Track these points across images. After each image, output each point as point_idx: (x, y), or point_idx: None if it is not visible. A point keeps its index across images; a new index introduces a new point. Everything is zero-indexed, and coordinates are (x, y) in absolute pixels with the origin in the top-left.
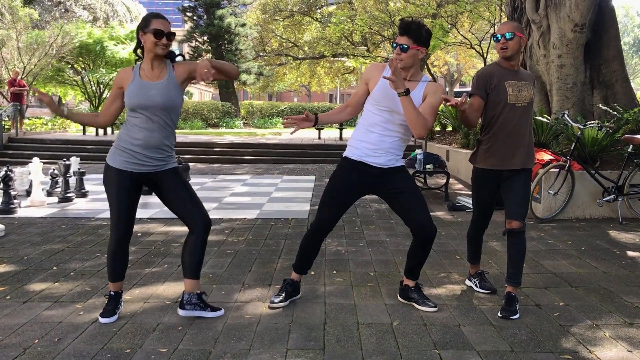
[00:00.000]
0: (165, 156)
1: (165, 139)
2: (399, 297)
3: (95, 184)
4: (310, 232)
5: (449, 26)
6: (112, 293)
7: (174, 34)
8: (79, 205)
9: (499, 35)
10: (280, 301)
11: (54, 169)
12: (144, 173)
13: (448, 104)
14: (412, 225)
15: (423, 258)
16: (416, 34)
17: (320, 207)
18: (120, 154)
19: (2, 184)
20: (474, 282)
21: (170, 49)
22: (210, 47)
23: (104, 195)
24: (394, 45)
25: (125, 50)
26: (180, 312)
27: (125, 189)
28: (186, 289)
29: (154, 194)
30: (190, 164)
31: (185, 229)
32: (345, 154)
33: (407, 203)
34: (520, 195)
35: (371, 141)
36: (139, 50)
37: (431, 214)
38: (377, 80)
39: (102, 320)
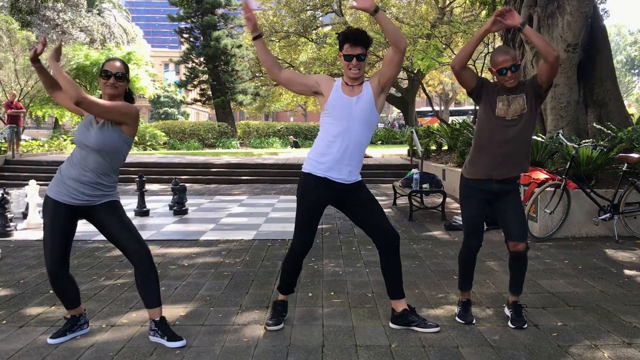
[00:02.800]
0: (100, 194)
1: (99, 179)
2: (391, 324)
3: None
4: (290, 255)
5: (444, 46)
6: (69, 316)
7: (124, 75)
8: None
9: (504, 70)
10: (275, 324)
11: None
12: (76, 206)
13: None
14: (376, 236)
15: (398, 271)
16: (367, 42)
17: (297, 230)
18: (57, 184)
19: None
20: (457, 310)
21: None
22: (206, 68)
23: None
24: (349, 57)
25: None
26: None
27: (58, 219)
28: (148, 315)
29: (150, 216)
30: (187, 185)
31: (182, 250)
32: (306, 169)
33: (369, 216)
34: (518, 216)
35: (334, 155)
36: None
37: (428, 233)
38: (329, 89)
39: (49, 341)
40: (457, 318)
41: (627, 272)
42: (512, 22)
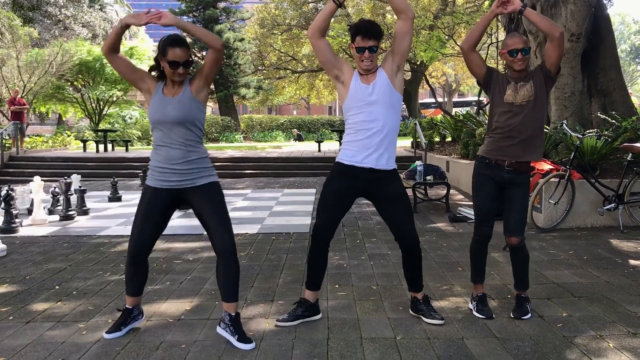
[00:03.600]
0: (194, 170)
1: (188, 154)
2: (410, 311)
3: (96, 201)
4: (310, 245)
5: (447, 37)
6: (124, 307)
7: (190, 62)
8: (80, 223)
9: (515, 52)
10: (285, 320)
11: (55, 187)
12: (175, 189)
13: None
14: (396, 236)
15: (415, 268)
16: (379, 34)
17: (317, 214)
18: (151, 173)
19: (3, 203)
20: (474, 305)
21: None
22: None
23: (105, 213)
24: (361, 49)
25: None
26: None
27: (155, 206)
28: (223, 307)
29: None
30: None
31: (187, 245)
32: (337, 158)
33: (396, 213)
34: (518, 210)
35: (359, 142)
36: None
37: (432, 225)
38: (350, 79)
39: (106, 336)
40: (476, 314)
41: (632, 262)
42: (513, 8)
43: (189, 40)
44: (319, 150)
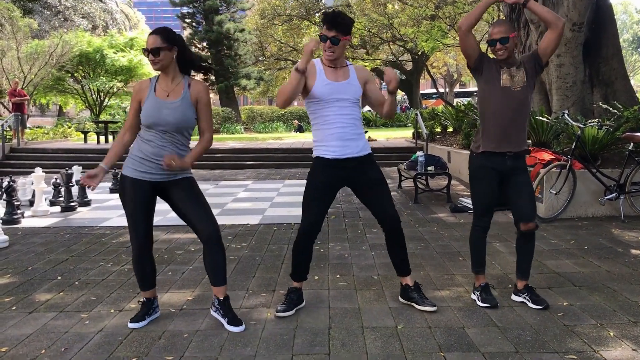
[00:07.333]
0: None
1: (177, 154)
2: (400, 299)
3: (97, 192)
4: (297, 237)
5: (448, 27)
6: (144, 299)
7: (157, 50)
8: (82, 215)
9: (494, 41)
10: (284, 310)
11: (56, 179)
12: (155, 182)
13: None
14: (379, 220)
15: (402, 250)
16: (343, 26)
17: (303, 211)
18: (132, 163)
19: (5, 195)
20: (477, 295)
21: (163, 62)
22: (209, 53)
23: (107, 204)
24: (324, 38)
25: (124, 58)
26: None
27: (140, 198)
28: (213, 291)
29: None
30: (192, 171)
31: (188, 235)
32: (316, 154)
33: (374, 199)
34: (529, 195)
35: (333, 134)
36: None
37: (434, 215)
38: (314, 78)
39: (130, 325)
40: (480, 303)
41: (633, 251)
42: (516, 0)
43: (187, 32)
44: None
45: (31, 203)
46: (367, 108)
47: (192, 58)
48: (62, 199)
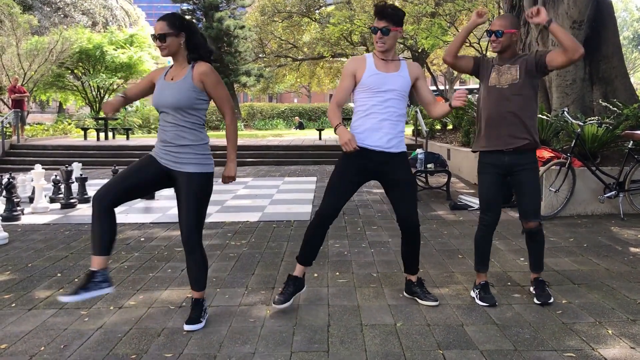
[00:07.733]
0: (182, 154)
1: (179, 139)
2: (404, 293)
3: (97, 189)
4: (316, 220)
5: (448, 25)
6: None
7: (163, 35)
8: (81, 211)
9: (490, 32)
10: (282, 301)
11: (56, 175)
12: (165, 167)
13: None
14: (398, 220)
15: (413, 252)
16: (394, 16)
17: (326, 194)
18: (156, 145)
19: (5, 192)
20: (476, 293)
21: (170, 49)
22: None
23: None
24: (374, 29)
25: (124, 55)
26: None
27: (143, 164)
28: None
29: (156, 199)
30: None
31: None
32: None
33: (399, 199)
34: (530, 194)
35: (370, 125)
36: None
37: (433, 213)
38: (363, 69)
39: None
40: (479, 302)
41: (632, 249)
42: (539, 20)
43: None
44: (320, 139)
45: (31, 200)
46: None
47: (197, 43)
48: (61, 195)
